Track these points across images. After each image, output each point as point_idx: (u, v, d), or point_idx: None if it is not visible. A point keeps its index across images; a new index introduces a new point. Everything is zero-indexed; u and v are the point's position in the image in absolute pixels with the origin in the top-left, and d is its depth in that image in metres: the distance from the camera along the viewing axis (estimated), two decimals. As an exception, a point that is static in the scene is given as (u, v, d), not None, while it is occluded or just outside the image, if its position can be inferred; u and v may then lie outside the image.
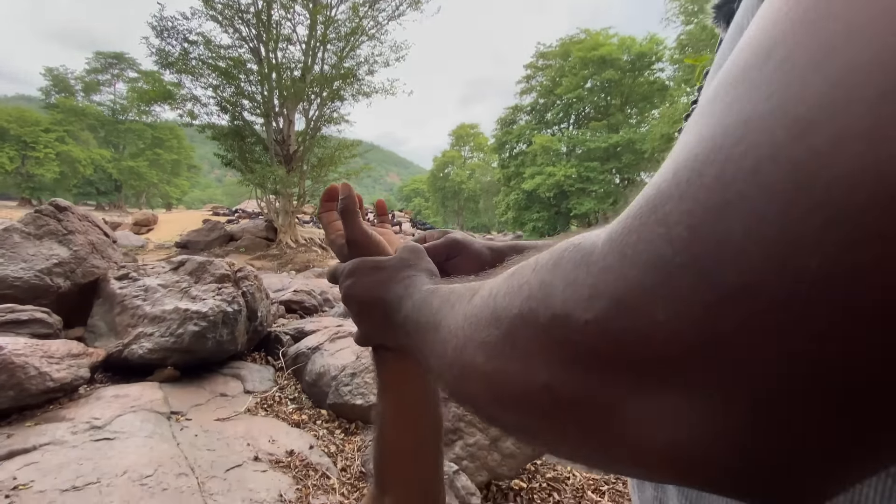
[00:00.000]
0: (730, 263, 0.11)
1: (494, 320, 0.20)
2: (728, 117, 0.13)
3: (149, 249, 13.91)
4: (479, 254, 0.51)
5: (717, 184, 0.12)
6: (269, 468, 2.14)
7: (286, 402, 2.88)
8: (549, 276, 0.17)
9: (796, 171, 0.11)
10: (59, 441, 2.01)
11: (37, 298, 2.96)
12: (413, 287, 0.36)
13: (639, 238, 0.14)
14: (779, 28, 0.13)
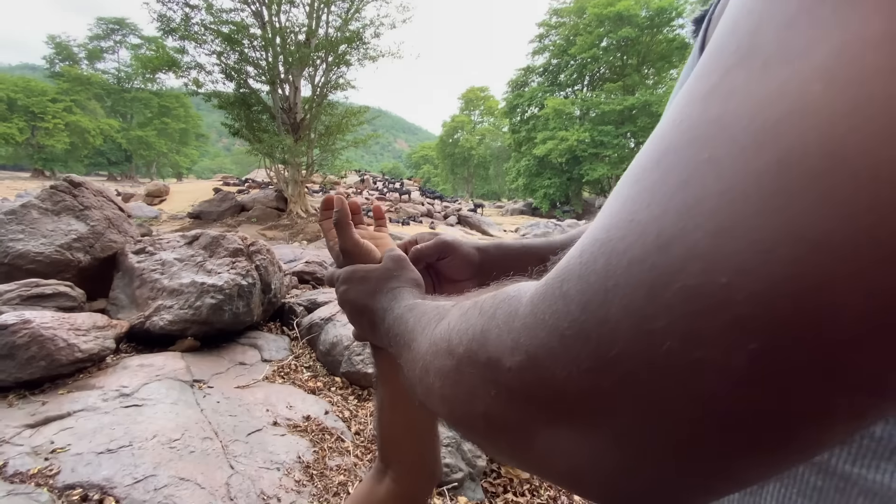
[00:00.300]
0: (606, 340, 0.14)
1: (448, 353, 0.23)
2: (622, 213, 0.16)
3: (162, 220, 14.12)
4: (468, 254, 0.54)
5: (604, 271, 0.15)
6: (288, 432, 2.26)
7: (302, 370, 2.99)
8: (489, 324, 0.20)
9: (657, 276, 0.13)
10: (92, 408, 2.14)
11: (59, 273, 3.07)
12: (395, 300, 0.39)
13: (547, 307, 0.17)
14: (669, 137, 0.16)
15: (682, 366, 0.13)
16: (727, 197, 0.13)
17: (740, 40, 0.15)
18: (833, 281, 0.11)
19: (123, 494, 1.64)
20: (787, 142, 0.12)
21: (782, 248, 0.12)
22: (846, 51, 0.12)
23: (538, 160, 33.45)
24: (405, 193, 22.51)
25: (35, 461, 1.74)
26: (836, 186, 0.11)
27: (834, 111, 0.12)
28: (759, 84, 0.14)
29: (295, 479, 1.92)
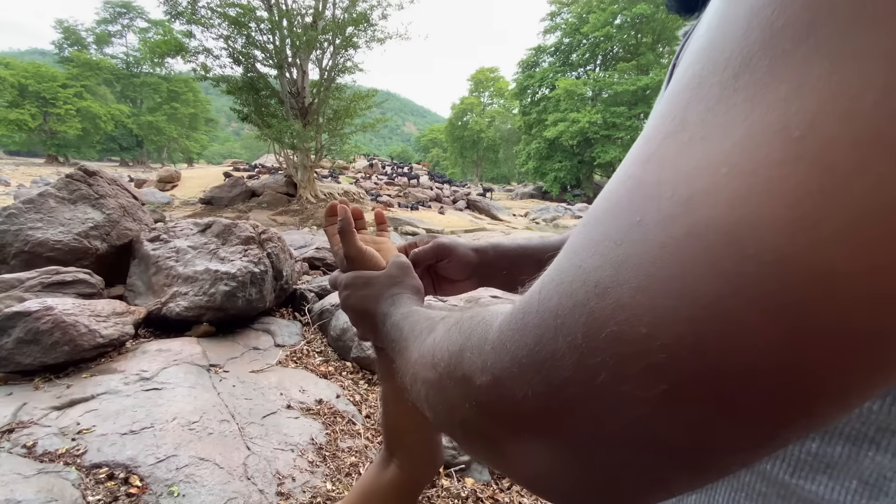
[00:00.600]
0: (554, 369, 0.17)
1: (433, 366, 0.26)
2: (573, 258, 0.18)
3: (175, 206, 14.29)
4: (465, 256, 0.57)
5: (556, 310, 0.17)
6: (301, 415, 2.34)
7: (314, 354, 3.07)
8: (465, 344, 0.23)
9: (593, 320, 0.16)
10: (114, 391, 2.23)
11: (78, 260, 3.15)
12: (395, 306, 0.41)
13: (510, 336, 0.20)
14: (616, 193, 0.18)
15: (612, 396, 0.15)
16: (648, 258, 0.15)
17: (676, 111, 0.17)
18: (721, 339, 0.13)
19: (147, 473, 1.72)
20: (695, 217, 0.14)
21: (684, 308, 0.14)
22: (747, 142, 0.14)
23: (549, 143, 32.98)
24: (414, 178, 22.44)
25: (63, 441, 1.83)
26: (726, 261, 0.13)
27: (732, 195, 0.14)
28: (684, 158, 0.16)
29: (308, 459, 1.99)
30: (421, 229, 12.61)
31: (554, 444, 0.18)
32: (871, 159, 0.12)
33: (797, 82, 0.14)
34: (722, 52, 0.16)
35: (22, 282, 2.68)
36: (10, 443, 1.79)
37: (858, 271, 0.12)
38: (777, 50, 0.14)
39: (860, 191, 0.12)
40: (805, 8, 0.14)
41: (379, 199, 16.69)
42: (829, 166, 0.13)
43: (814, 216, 0.13)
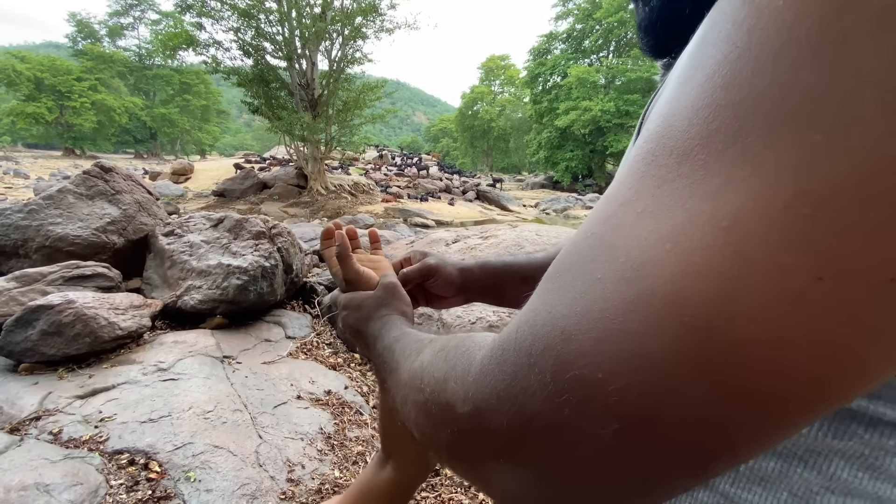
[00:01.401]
0: (527, 403, 0.20)
1: (420, 390, 0.29)
2: (545, 304, 0.21)
3: (189, 198, 14.49)
4: (449, 275, 0.60)
5: (529, 349, 0.20)
6: (310, 405, 2.42)
7: (323, 346, 3.15)
8: (449, 373, 0.26)
9: (559, 362, 0.18)
10: (133, 381, 2.33)
11: (96, 255, 3.26)
12: (385, 328, 0.44)
13: (490, 370, 0.22)
14: (582, 246, 0.21)
15: (574, 430, 0.18)
16: (606, 314, 0.18)
17: (633, 181, 0.20)
18: (661, 390, 0.16)
19: (165, 459, 1.81)
20: (644, 284, 0.17)
21: (633, 360, 0.17)
22: (686, 225, 0.17)
23: (560, 132, 32.58)
24: (423, 169, 22.39)
25: (86, 429, 1.93)
26: (666, 325, 0.16)
27: (673, 270, 0.17)
28: (636, 228, 0.19)
29: (317, 448, 2.07)
30: (430, 221, 12.63)
31: (525, 470, 0.20)
32: (779, 253, 0.15)
33: (725, 179, 0.16)
34: (670, 138, 0.19)
35: (44, 276, 2.79)
36: (38, 430, 1.89)
37: (766, 344, 0.15)
38: (711, 148, 0.17)
39: (769, 279, 0.15)
40: (734, 117, 0.17)
41: (388, 191, 16.71)
42: (746, 256, 0.15)
43: (734, 296, 0.15)
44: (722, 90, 0.17)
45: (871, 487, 0.25)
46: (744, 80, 0.16)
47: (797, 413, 0.16)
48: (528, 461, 0.20)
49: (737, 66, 0.17)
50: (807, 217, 0.14)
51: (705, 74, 0.18)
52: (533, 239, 3.94)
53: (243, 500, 1.66)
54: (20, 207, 3.27)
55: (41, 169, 26.33)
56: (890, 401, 0.24)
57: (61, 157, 38.65)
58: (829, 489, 0.25)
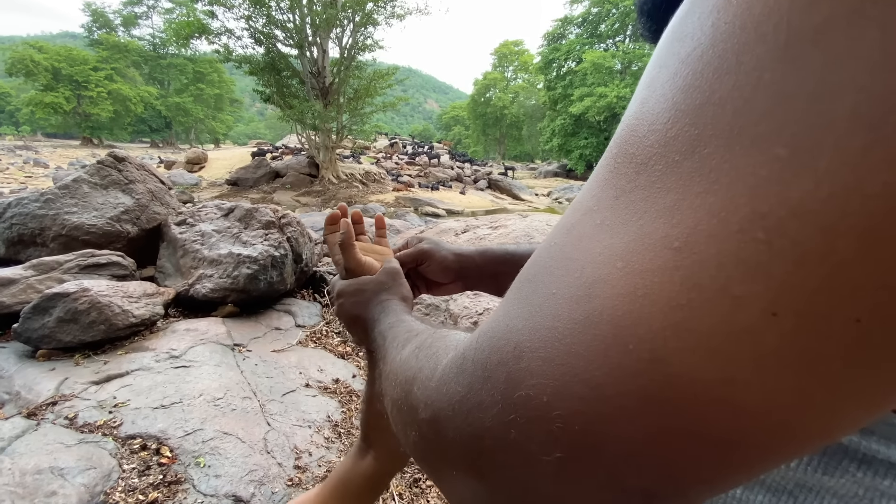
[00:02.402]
0: (478, 417, 0.19)
1: (395, 386, 0.28)
2: (505, 317, 0.20)
3: (203, 187, 14.67)
4: (443, 260, 0.59)
5: (484, 363, 0.19)
6: (319, 393, 2.45)
7: (332, 335, 3.17)
8: (418, 374, 0.25)
9: (509, 380, 0.18)
10: (146, 367, 2.38)
11: (111, 243, 3.32)
12: (383, 313, 0.44)
13: (449, 380, 0.21)
14: (544, 258, 0.19)
15: (521, 452, 0.17)
16: (555, 334, 0.16)
17: (596, 189, 0.19)
18: (603, 420, 0.15)
19: (176, 445, 1.85)
20: (593, 304, 0.16)
21: (577, 386, 0.16)
22: (638, 243, 0.16)
23: (574, 119, 32.05)
24: (434, 157, 22.29)
25: (101, 414, 1.98)
26: (612, 352, 0.15)
27: (622, 292, 0.15)
28: (593, 241, 0.17)
29: (325, 436, 2.10)
30: (441, 210, 12.60)
31: (478, 483, 0.20)
32: (730, 283, 0.13)
33: (680, 195, 0.15)
34: (631, 144, 0.17)
35: (61, 264, 2.85)
36: (54, 414, 1.95)
37: (713, 383, 0.14)
38: (669, 158, 0.15)
39: (718, 310, 0.13)
40: (692, 124, 0.15)
41: (399, 179, 16.69)
42: (696, 283, 0.14)
43: (680, 326, 0.14)
44: (682, 93, 0.15)
45: None
46: (704, 83, 0.14)
47: (752, 458, 0.15)
48: (480, 475, 0.19)
49: (699, 65, 0.15)
50: (762, 243, 0.13)
51: (669, 73, 0.16)
52: (543, 229, 3.89)
53: (251, 486, 1.69)
54: (37, 197, 3.34)
55: (60, 158, 26.89)
56: (884, 437, 0.22)
57: (79, 147, 39.39)
58: None
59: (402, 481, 1.87)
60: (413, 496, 1.80)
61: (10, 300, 2.55)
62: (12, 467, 1.60)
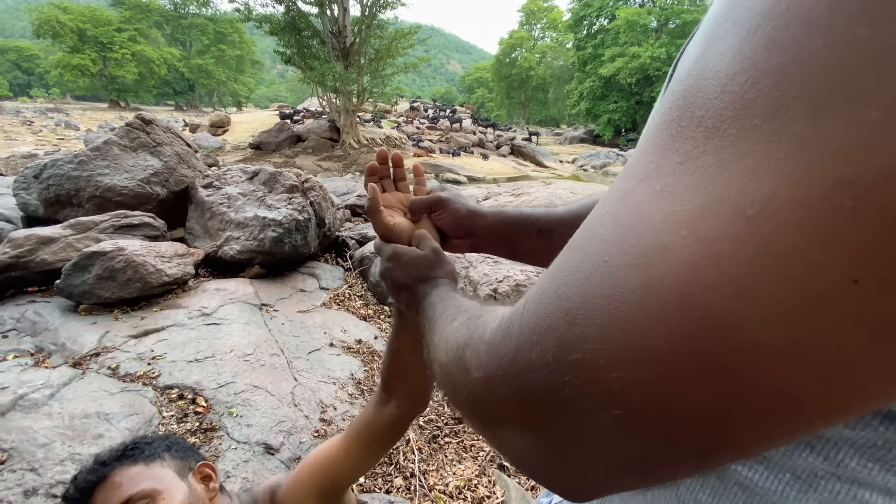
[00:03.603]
0: (530, 378, 0.20)
1: (446, 352, 0.30)
2: (552, 283, 0.20)
3: (227, 151, 14.83)
4: (457, 211, 0.57)
5: (534, 326, 0.20)
6: (342, 353, 2.53)
7: (355, 298, 3.25)
8: (469, 340, 0.26)
9: (562, 344, 0.18)
10: (180, 324, 2.50)
11: (142, 205, 3.42)
12: (434, 288, 0.45)
13: (499, 342, 0.22)
14: (596, 224, 0.19)
15: (576, 409, 0.18)
16: (611, 301, 0.17)
17: (654, 155, 0.18)
18: (665, 384, 0.16)
19: (210, 396, 1.97)
20: (652, 272, 0.16)
21: (637, 352, 0.16)
22: (707, 210, 0.15)
23: (604, 81, 30.62)
24: (456, 122, 21.81)
25: (140, 365, 2.11)
26: (674, 319, 0.15)
27: (687, 260, 0.15)
28: (653, 208, 0.17)
29: (348, 392, 2.19)
30: (462, 177, 12.45)
31: (530, 436, 0.21)
32: (810, 251, 0.13)
33: (757, 160, 0.14)
34: (699, 106, 0.16)
35: (96, 224, 2.96)
36: (98, 364, 2.08)
37: (784, 348, 0.14)
38: (745, 122, 0.15)
39: (796, 278, 0.13)
40: (775, 84, 0.14)
41: (420, 145, 16.47)
42: (771, 252, 0.14)
43: (753, 294, 0.14)
44: (764, 51, 0.14)
45: (881, 479, 0.24)
46: (791, 39, 0.14)
47: (812, 419, 0.15)
48: (531, 429, 0.21)
49: (784, 19, 0.14)
50: (847, 210, 0.12)
51: (746, 29, 0.15)
52: (567, 197, 3.82)
53: (280, 436, 1.80)
54: (71, 158, 3.44)
55: (89, 121, 27.45)
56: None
57: (107, 109, 40.08)
58: (836, 475, 0.25)
59: (421, 436, 1.95)
60: (432, 451, 1.88)
61: (51, 258, 2.68)
62: (61, 412, 1.73)
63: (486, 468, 1.81)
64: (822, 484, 0.25)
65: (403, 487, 1.69)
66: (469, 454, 1.88)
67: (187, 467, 0.70)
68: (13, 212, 3.64)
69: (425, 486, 1.70)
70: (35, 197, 3.43)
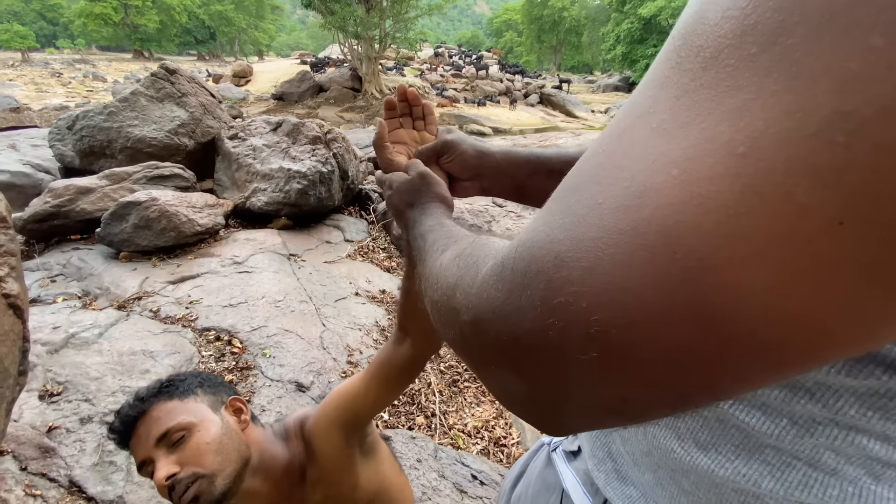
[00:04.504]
0: (518, 321, 0.19)
1: (436, 289, 0.30)
2: (544, 226, 0.19)
3: (250, 102, 14.77)
4: (463, 154, 0.56)
5: (524, 270, 0.19)
6: (367, 302, 2.62)
7: (378, 250, 3.31)
8: (459, 281, 0.26)
9: (549, 287, 0.18)
10: (214, 271, 2.62)
11: (171, 156, 3.49)
12: (423, 215, 0.45)
13: (490, 285, 0.22)
14: (590, 164, 0.19)
15: (558, 351, 0.18)
16: (599, 244, 0.16)
17: (653, 90, 0.17)
18: (643, 326, 0.16)
19: (245, 338, 2.09)
20: (642, 214, 0.15)
21: (618, 294, 0.16)
22: (699, 148, 0.14)
23: (643, 22, 28.38)
24: (483, 68, 20.84)
25: (179, 309, 2.24)
26: (658, 261, 0.15)
27: (675, 200, 0.15)
28: (647, 147, 0.16)
29: (373, 338, 2.28)
30: (487, 128, 12.08)
31: (516, 377, 0.21)
32: (797, 191, 0.12)
33: (752, 94, 0.14)
34: (699, 34, 0.16)
35: (130, 175, 3.06)
36: (140, 307, 2.23)
37: (764, 291, 0.13)
38: (744, 51, 0.14)
39: (780, 219, 0.13)
40: (776, 10, 0.13)
41: (444, 94, 15.94)
42: (759, 191, 0.13)
43: (735, 235, 0.14)
44: None
45: (881, 427, 0.24)
46: None
47: (790, 363, 0.15)
48: (517, 370, 0.21)
49: None
50: (839, 146, 0.12)
51: None
52: (596, 147, 3.69)
53: (310, 375, 1.91)
54: (101, 110, 3.50)
55: (115, 72, 27.58)
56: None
57: (132, 60, 40.10)
58: (834, 422, 0.25)
59: (442, 380, 2.04)
60: (452, 394, 1.97)
61: (90, 207, 2.81)
62: (110, 349, 1.88)
63: (503, 411, 1.89)
64: (819, 430, 0.25)
65: (425, 426, 1.79)
66: (487, 398, 1.97)
67: (219, 401, 0.75)
68: (51, 163, 3.79)
69: (445, 425, 1.80)
70: (70, 148, 3.54)
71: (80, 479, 1.38)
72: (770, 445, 0.27)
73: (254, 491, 0.72)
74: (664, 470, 0.34)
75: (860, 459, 0.25)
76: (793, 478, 0.27)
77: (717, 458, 0.29)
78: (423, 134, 0.61)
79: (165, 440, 0.66)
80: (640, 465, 0.36)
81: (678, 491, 0.33)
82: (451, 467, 1.56)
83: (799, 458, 0.27)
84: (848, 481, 0.26)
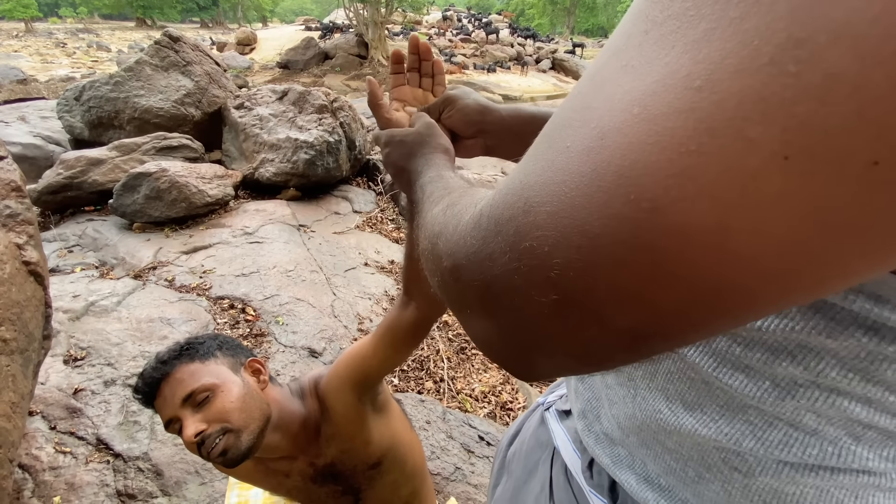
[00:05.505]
0: (489, 267, 0.20)
1: (427, 238, 0.30)
2: (520, 174, 0.19)
3: (255, 70, 14.51)
4: (465, 107, 0.54)
5: (497, 218, 0.20)
6: (376, 272, 2.65)
7: (386, 221, 3.31)
8: (443, 229, 0.27)
9: (517, 233, 0.18)
10: (225, 241, 2.65)
11: (179, 127, 3.48)
12: (426, 166, 0.44)
13: (468, 233, 0.22)
14: (565, 110, 0.18)
15: (523, 295, 0.18)
16: (564, 188, 0.16)
17: (629, 24, 0.16)
18: (597, 268, 0.16)
19: (258, 306, 2.14)
20: (603, 155, 0.15)
21: (576, 237, 0.16)
22: (660, 84, 0.14)
23: (659, -19, 26.89)
24: (493, 33, 20.11)
25: (193, 278, 2.29)
26: (614, 203, 0.15)
27: (633, 140, 0.14)
28: (615, 86, 0.16)
29: (382, 307, 2.32)
30: (496, 95, 11.77)
31: (488, 322, 0.22)
32: (747, 124, 0.12)
33: (713, 23, 0.13)
34: None
35: (139, 146, 3.07)
36: (156, 276, 2.28)
37: (710, 231, 0.13)
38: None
39: (728, 155, 0.12)
40: None
41: (452, 60, 15.48)
42: (710, 126, 0.13)
43: (685, 173, 0.13)
44: None
45: (861, 389, 0.24)
46: None
47: (739, 306, 0.15)
48: (489, 315, 0.21)
49: None
50: (790, 76, 0.11)
51: None
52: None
53: (322, 342, 1.96)
54: (107, 80, 3.48)
55: (119, 41, 27.17)
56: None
57: (135, 29, 39.37)
58: (815, 384, 0.25)
59: (450, 347, 2.08)
60: (460, 360, 2.02)
61: (101, 178, 2.84)
62: (129, 316, 1.94)
63: (509, 377, 1.93)
64: (800, 392, 0.25)
65: (433, 390, 1.84)
66: (494, 364, 2.01)
67: (238, 363, 0.78)
68: (61, 135, 3.81)
69: (453, 389, 1.85)
70: (79, 119, 3.54)
71: (107, 437, 1.46)
72: (753, 406, 0.28)
73: (274, 445, 0.76)
74: (647, 431, 0.35)
75: (841, 421, 0.26)
76: (773, 437, 0.27)
77: (702, 418, 0.30)
78: (427, 94, 0.59)
79: (191, 400, 0.69)
80: (625, 428, 0.37)
81: (662, 450, 0.34)
82: (458, 429, 1.62)
83: (780, 418, 0.27)
84: (828, 441, 0.26)
